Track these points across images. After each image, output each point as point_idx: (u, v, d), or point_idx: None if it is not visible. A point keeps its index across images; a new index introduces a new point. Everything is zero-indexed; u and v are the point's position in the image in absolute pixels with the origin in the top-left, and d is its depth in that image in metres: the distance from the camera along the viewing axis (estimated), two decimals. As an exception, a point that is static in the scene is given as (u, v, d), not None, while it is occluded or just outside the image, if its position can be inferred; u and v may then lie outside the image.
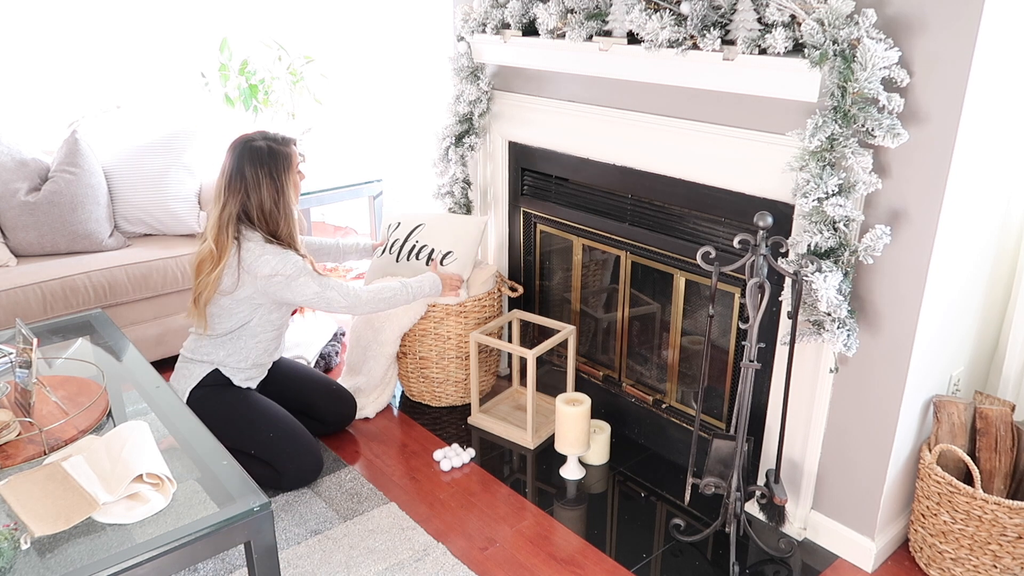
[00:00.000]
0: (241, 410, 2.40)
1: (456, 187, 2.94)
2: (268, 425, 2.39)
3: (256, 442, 2.37)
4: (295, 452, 2.38)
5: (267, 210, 2.29)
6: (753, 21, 1.84)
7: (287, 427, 2.41)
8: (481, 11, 2.61)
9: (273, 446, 2.37)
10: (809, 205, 1.80)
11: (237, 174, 2.27)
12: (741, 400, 1.99)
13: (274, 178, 2.28)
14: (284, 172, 2.31)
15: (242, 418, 2.39)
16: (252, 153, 2.28)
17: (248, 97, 3.85)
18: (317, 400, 2.64)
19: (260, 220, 2.30)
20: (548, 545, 2.21)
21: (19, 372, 1.80)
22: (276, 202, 2.29)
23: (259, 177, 2.27)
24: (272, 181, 2.28)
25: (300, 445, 2.40)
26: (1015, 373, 2.21)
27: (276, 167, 2.29)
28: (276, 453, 2.37)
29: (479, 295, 2.79)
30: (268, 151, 2.29)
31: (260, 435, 2.37)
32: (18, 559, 1.40)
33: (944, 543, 1.99)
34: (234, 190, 2.27)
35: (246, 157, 2.28)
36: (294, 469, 2.38)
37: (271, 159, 2.28)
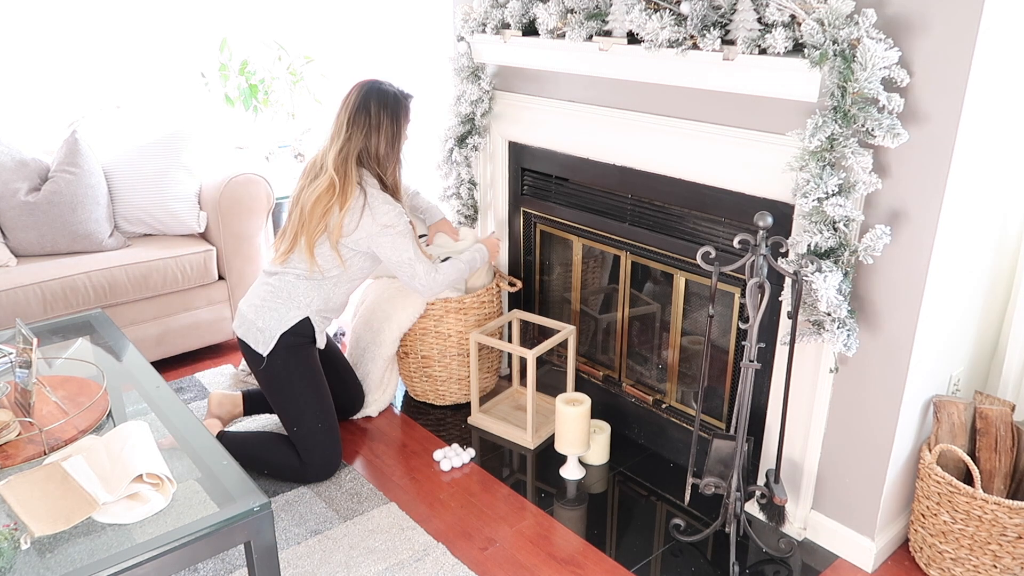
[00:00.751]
0: (310, 386, 2.41)
1: (463, 188, 2.94)
2: (321, 413, 2.41)
3: (305, 425, 2.39)
4: (328, 447, 2.42)
5: (383, 153, 2.33)
6: (753, 21, 1.84)
7: (332, 421, 2.44)
8: (481, 11, 2.61)
9: (314, 436, 2.39)
10: (809, 205, 1.80)
11: (363, 109, 2.30)
12: (741, 400, 1.99)
13: (395, 122, 2.33)
14: (403, 119, 2.36)
15: (307, 396, 2.39)
16: (380, 94, 2.32)
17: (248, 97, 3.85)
18: (340, 381, 2.67)
19: (374, 161, 2.33)
20: (548, 545, 2.21)
21: (19, 372, 1.80)
22: (392, 146, 2.34)
23: (382, 117, 2.31)
24: (392, 124, 2.32)
25: (334, 441, 2.44)
26: (1015, 373, 2.21)
27: (398, 112, 2.34)
28: (313, 443, 2.39)
29: (477, 290, 2.79)
30: (394, 96, 2.35)
31: (311, 420, 2.39)
32: (18, 559, 1.40)
33: (944, 543, 1.99)
34: (359, 125, 2.30)
35: (373, 95, 2.32)
36: (321, 463, 2.42)
37: (395, 104, 2.34)
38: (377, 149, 2.32)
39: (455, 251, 2.71)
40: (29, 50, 3.59)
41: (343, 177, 2.27)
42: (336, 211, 2.27)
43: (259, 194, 3.17)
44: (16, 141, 3.03)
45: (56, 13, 3.62)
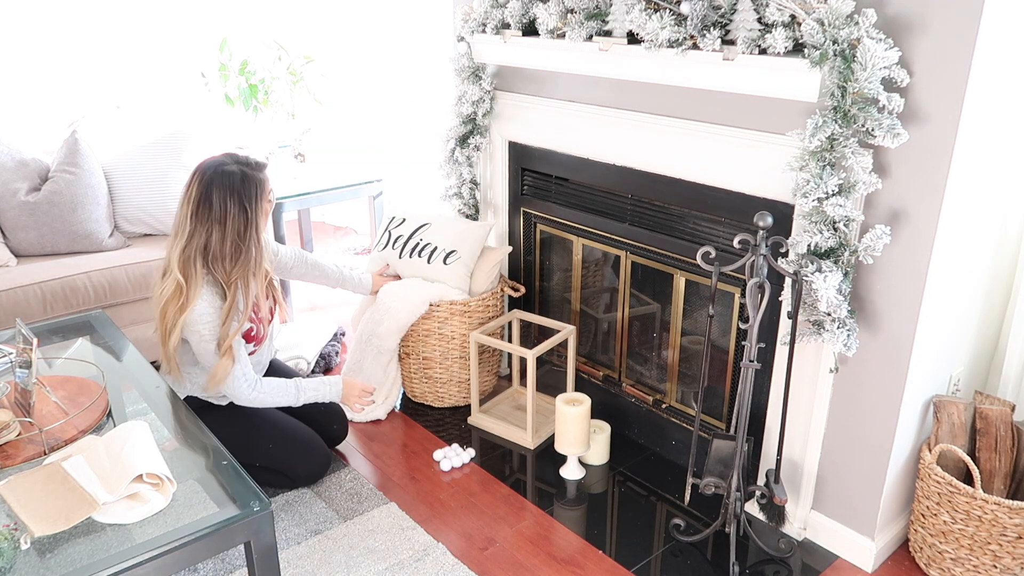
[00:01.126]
0: (234, 427, 2.29)
1: (464, 188, 2.94)
2: (265, 436, 2.34)
3: (258, 455, 2.32)
4: (300, 455, 2.38)
5: (230, 243, 2.09)
6: (753, 21, 1.84)
7: (285, 432, 2.37)
8: (481, 11, 2.61)
9: (276, 455, 2.35)
10: (809, 205, 1.80)
11: (204, 202, 2.07)
12: (741, 400, 1.99)
13: (245, 208, 2.09)
14: (257, 199, 2.12)
15: (236, 436, 2.23)
16: (222, 179, 2.08)
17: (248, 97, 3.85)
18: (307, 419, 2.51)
19: (219, 255, 2.09)
20: (548, 545, 2.21)
21: (19, 372, 1.80)
22: (244, 233, 2.10)
23: (227, 207, 2.07)
24: (243, 211, 2.09)
25: (303, 446, 2.38)
26: (1015, 373, 2.21)
27: (248, 194, 2.09)
28: (281, 461, 2.36)
29: (483, 294, 2.79)
30: (241, 177, 2.09)
31: (260, 448, 2.33)
32: (18, 559, 1.40)
33: (944, 543, 1.99)
34: (202, 219, 2.07)
35: (215, 184, 2.08)
36: (303, 471, 2.39)
37: (243, 185, 2.09)
38: (224, 239, 2.08)
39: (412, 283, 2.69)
40: (29, 50, 3.59)
41: (187, 276, 2.07)
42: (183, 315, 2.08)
43: (259, 194, 3.16)
44: (16, 141, 3.03)
45: (56, 13, 3.62)
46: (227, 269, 2.11)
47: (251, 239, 2.13)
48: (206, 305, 2.11)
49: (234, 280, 2.12)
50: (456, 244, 2.77)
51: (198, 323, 2.10)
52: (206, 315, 2.11)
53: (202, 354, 2.16)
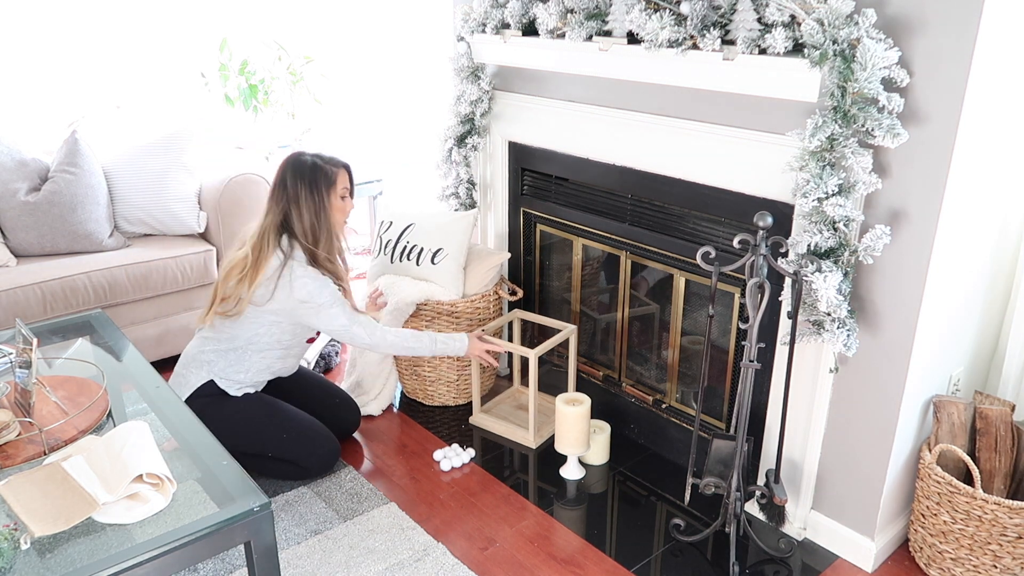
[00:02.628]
0: (245, 418, 2.39)
1: (461, 188, 2.94)
2: (277, 427, 2.40)
3: (270, 445, 2.39)
4: (312, 444, 2.42)
5: (307, 225, 2.30)
6: (753, 21, 1.84)
7: (297, 423, 2.43)
8: (481, 11, 2.61)
9: (288, 445, 2.39)
10: (809, 205, 1.80)
11: (280, 184, 2.31)
12: (741, 400, 1.99)
13: (313, 192, 2.29)
14: (324, 188, 2.31)
15: (248, 425, 2.38)
16: (296, 165, 2.31)
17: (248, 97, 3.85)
18: (320, 409, 2.60)
19: (303, 234, 2.31)
20: (548, 545, 2.21)
21: (19, 372, 1.80)
22: (317, 217, 2.30)
23: (299, 189, 2.29)
24: (311, 195, 2.29)
25: (315, 436, 2.44)
26: (1015, 373, 2.21)
27: (316, 181, 2.30)
28: (294, 450, 2.40)
29: (473, 296, 2.78)
30: (311, 166, 2.31)
31: (272, 439, 2.39)
32: (18, 559, 1.40)
33: (944, 543, 1.99)
34: (276, 199, 2.31)
35: (289, 168, 2.31)
36: (315, 461, 2.43)
37: (312, 173, 2.30)
38: (301, 220, 2.30)
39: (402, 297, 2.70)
40: (29, 50, 3.59)
41: (257, 252, 2.27)
42: (247, 285, 2.26)
43: (259, 194, 3.17)
44: (16, 141, 3.03)
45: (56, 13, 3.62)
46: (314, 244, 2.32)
47: (324, 223, 2.32)
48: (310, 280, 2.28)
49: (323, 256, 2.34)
50: (441, 241, 2.76)
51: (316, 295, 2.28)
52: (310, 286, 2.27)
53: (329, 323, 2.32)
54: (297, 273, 2.27)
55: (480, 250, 2.89)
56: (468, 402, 2.92)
